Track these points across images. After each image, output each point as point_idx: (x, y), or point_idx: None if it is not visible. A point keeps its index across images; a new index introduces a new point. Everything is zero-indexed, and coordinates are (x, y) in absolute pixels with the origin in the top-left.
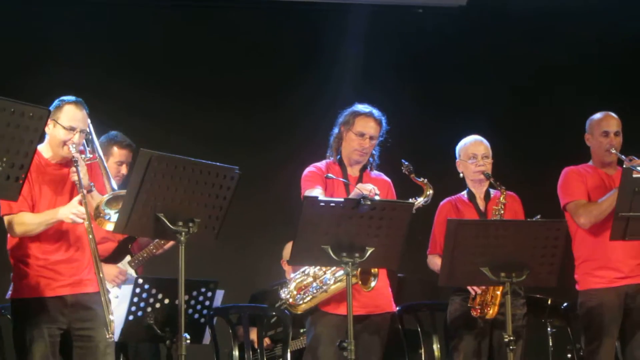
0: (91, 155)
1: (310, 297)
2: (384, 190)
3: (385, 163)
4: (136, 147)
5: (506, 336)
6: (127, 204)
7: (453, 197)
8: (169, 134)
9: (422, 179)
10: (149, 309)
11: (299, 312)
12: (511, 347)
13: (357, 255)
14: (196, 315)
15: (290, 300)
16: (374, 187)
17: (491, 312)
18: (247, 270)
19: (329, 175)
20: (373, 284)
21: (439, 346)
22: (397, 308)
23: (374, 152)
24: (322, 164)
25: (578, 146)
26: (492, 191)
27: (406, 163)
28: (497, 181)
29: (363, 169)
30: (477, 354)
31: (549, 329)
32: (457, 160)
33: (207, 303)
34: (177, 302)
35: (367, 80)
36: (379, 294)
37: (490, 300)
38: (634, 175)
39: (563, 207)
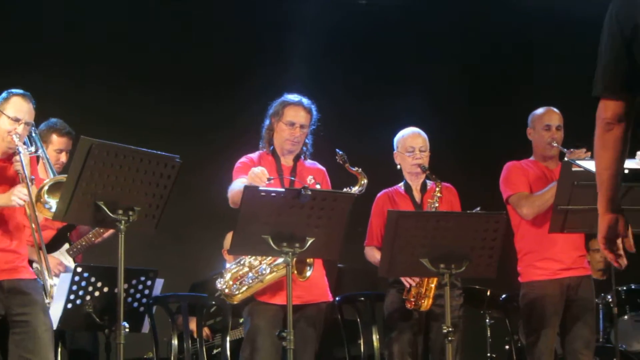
0: (33, 149)
1: (246, 287)
2: (319, 178)
3: (326, 151)
4: (76, 135)
5: (445, 327)
6: (67, 191)
7: (390, 188)
8: (106, 122)
9: (356, 169)
10: (88, 298)
11: (234, 302)
12: (449, 338)
13: (297, 245)
14: (135, 304)
15: (226, 290)
16: (262, 169)
17: (425, 304)
18: (187, 260)
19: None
20: (308, 273)
21: (377, 337)
22: (337, 298)
23: (307, 140)
24: (254, 155)
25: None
26: (428, 183)
27: (340, 152)
28: (433, 174)
29: (297, 159)
30: (413, 345)
31: (487, 320)
32: (394, 151)
33: (147, 292)
34: (116, 290)
35: (311, 70)
36: (314, 284)
37: (425, 293)
38: (573, 169)
39: (505, 200)
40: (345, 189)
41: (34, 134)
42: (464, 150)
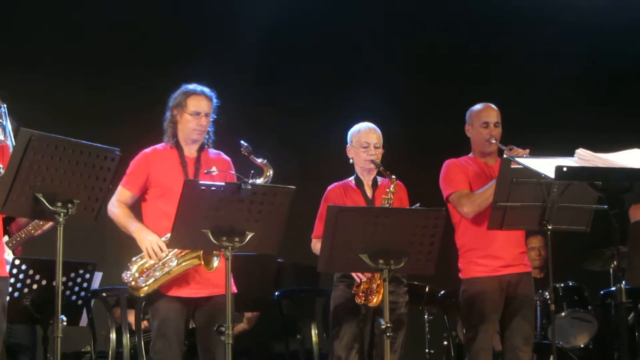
0: (2, 138)
1: (153, 279)
2: (224, 167)
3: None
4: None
5: (384, 323)
6: (5, 183)
7: (340, 182)
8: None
9: (261, 160)
10: (26, 290)
11: (141, 295)
12: (388, 334)
13: (237, 239)
14: (73, 297)
15: (133, 283)
16: (158, 242)
17: (375, 300)
18: (126, 252)
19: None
20: (215, 264)
21: (316, 332)
22: (276, 293)
23: (209, 129)
24: (149, 150)
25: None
26: (379, 179)
27: (245, 144)
28: (387, 170)
29: (200, 149)
30: (359, 340)
31: (426, 316)
32: (347, 145)
33: (85, 285)
34: (54, 283)
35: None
36: (220, 275)
37: (375, 289)
38: (512, 166)
39: (446, 198)
40: (250, 180)
41: (6, 124)
42: (412, 146)
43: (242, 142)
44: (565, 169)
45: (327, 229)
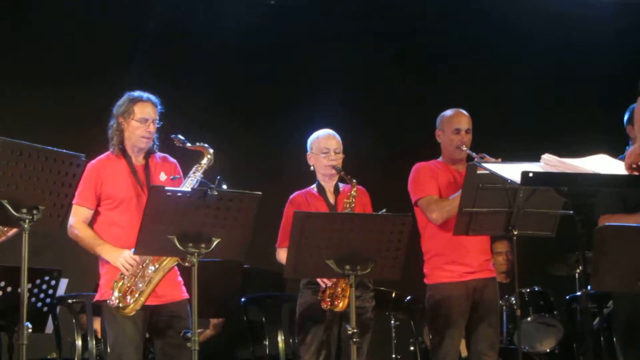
0: None
1: (139, 293)
2: (171, 171)
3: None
4: None
5: (350, 329)
6: None
7: (303, 190)
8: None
9: (199, 144)
10: None
11: (133, 313)
12: (354, 340)
13: (203, 245)
14: (39, 304)
15: (120, 304)
16: (130, 258)
17: (341, 305)
18: (91, 259)
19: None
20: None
21: (283, 337)
22: (243, 299)
23: (155, 135)
24: (96, 160)
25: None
26: (341, 185)
27: (176, 136)
28: (348, 175)
29: (147, 155)
30: (326, 345)
31: (392, 321)
32: (308, 153)
33: (51, 292)
34: (19, 290)
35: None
36: (169, 283)
37: (341, 293)
38: (478, 172)
39: (414, 202)
40: (195, 166)
41: None
42: (378, 152)
43: (172, 135)
44: (530, 174)
45: (294, 235)
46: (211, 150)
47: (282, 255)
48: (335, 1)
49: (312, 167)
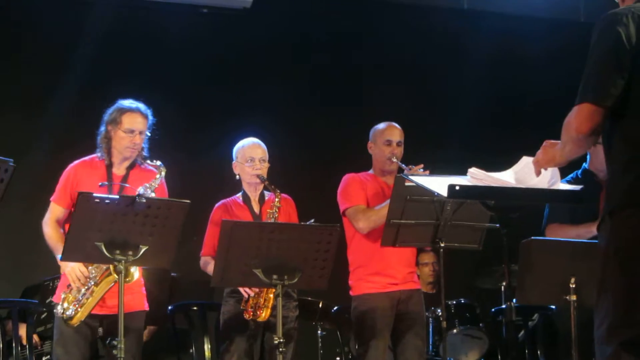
0: None
1: (82, 306)
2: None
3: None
4: None
5: (276, 338)
6: None
7: (228, 199)
8: None
9: (156, 162)
10: None
11: (77, 324)
12: (281, 349)
13: (130, 253)
14: None
15: (65, 315)
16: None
17: (264, 314)
18: (19, 264)
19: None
20: (136, 275)
21: (209, 346)
22: (170, 307)
23: (143, 145)
24: (79, 162)
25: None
26: (266, 194)
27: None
28: (272, 184)
29: (131, 166)
30: (249, 355)
31: (319, 331)
32: (233, 162)
33: None
34: None
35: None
36: (132, 293)
37: (263, 303)
38: (406, 184)
39: (342, 212)
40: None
41: None
42: (303, 162)
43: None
44: (457, 187)
45: (221, 244)
46: (162, 167)
47: (205, 263)
48: (266, 9)
49: (237, 176)
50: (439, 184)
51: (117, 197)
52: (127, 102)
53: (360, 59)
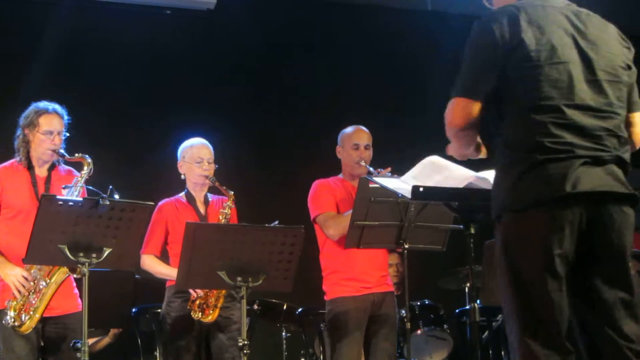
0: None
1: (34, 310)
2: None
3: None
4: None
5: (241, 340)
6: None
7: (172, 198)
8: None
9: (77, 155)
10: None
11: (29, 331)
12: (245, 352)
13: (94, 255)
14: None
15: (16, 323)
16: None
17: (211, 316)
18: None
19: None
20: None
21: None
22: (134, 310)
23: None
24: (2, 166)
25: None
26: (210, 195)
27: (57, 151)
28: (223, 185)
29: (52, 167)
30: (196, 356)
31: (283, 333)
32: (179, 161)
33: None
34: None
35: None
36: (64, 295)
37: (212, 304)
38: (370, 185)
39: (313, 219)
40: (77, 175)
41: None
42: (261, 163)
43: (50, 150)
44: (421, 189)
45: (185, 246)
46: (89, 159)
47: (147, 262)
48: (230, 11)
49: (182, 176)
50: (402, 186)
51: (81, 199)
52: (43, 104)
53: (321, 60)
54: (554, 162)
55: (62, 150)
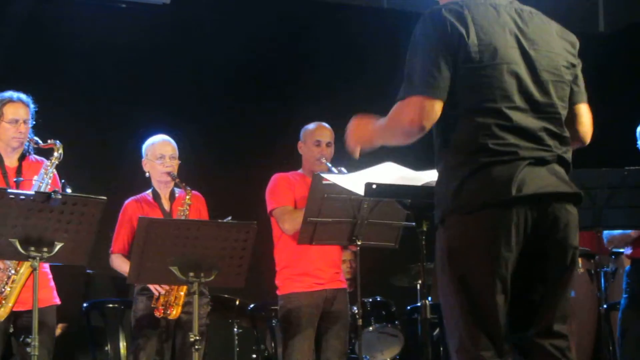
0: None
1: (7, 298)
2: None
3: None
4: None
5: (192, 336)
6: None
7: (138, 196)
8: None
9: (50, 141)
10: None
11: (4, 318)
12: (197, 347)
13: (45, 250)
14: None
15: None
16: None
17: (174, 312)
18: None
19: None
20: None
21: (125, 343)
22: (85, 304)
23: (31, 136)
24: None
25: (290, 151)
26: (177, 191)
27: (33, 138)
28: (183, 182)
29: (22, 157)
30: (160, 353)
31: (235, 329)
32: (143, 159)
33: None
34: None
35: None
36: (41, 287)
37: (174, 301)
38: (324, 182)
39: (269, 212)
40: (47, 162)
41: None
42: (218, 159)
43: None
44: (374, 186)
45: (137, 241)
46: (59, 144)
47: (116, 261)
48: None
49: (147, 174)
50: (355, 183)
51: (32, 193)
52: (7, 94)
53: (279, 56)
54: (498, 165)
55: (36, 138)
